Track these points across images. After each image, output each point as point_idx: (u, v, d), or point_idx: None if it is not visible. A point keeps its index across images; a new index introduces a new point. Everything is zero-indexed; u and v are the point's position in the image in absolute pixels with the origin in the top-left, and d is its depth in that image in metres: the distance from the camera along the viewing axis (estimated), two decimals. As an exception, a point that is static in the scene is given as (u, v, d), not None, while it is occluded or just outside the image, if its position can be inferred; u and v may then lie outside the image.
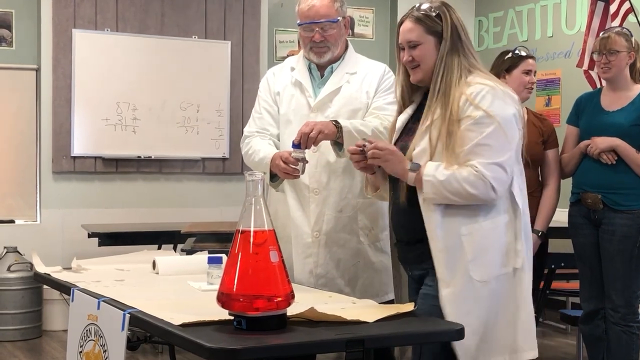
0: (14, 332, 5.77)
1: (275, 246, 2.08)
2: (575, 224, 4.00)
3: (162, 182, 6.79)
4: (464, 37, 2.56)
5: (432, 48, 2.54)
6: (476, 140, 2.42)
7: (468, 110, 2.44)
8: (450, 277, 2.44)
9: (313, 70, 3.15)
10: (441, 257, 2.45)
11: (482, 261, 2.45)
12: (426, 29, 2.54)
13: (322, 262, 3.03)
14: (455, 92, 2.48)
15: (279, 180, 3.05)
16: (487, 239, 2.47)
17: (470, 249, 2.45)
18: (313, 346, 2.02)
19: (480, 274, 2.44)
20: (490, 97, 2.45)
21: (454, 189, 2.41)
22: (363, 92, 3.10)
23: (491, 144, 2.42)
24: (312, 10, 3.05)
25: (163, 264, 3.01)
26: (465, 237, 2.45)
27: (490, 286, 2.45)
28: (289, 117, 3.11)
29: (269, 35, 7.19)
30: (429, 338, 2.25)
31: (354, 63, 3.15)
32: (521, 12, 7.25)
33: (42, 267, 3.06)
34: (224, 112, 6.86)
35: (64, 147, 6.41)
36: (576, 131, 4.04)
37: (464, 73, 2.52)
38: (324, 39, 3.05)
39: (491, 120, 2.42)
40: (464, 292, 2.43)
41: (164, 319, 2.11)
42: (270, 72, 3.27)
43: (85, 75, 6.42)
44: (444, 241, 2.45)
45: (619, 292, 3.85)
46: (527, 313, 2.52)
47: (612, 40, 3.88)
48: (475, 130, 2.42)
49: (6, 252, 5.89)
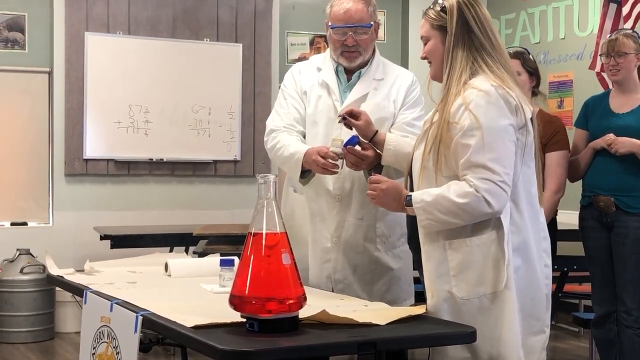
0: (27, 334, 5.79)
1: (287, 249, 2.08)
2: (587, 227, 3.98)
3: (173, 185, 6.81)
4: (479, 30, 2.44)
5: (438, 43, 2.49)
6: (469, 153, 2.31)
7: (459, 116, 2.35)
8: (432, 289, 2.40)
9: (340, 73, 3.09)
10: (427, 268, 2.41)
11: (464, 277, 2.35)
12: (431, 23, 2.50)
13: (341, 268, 3.02)
14: (452, 94, 2.40)
15: (310, 176, 2.99)
16: (471, 256, 2.36)
17: (454, 264, 2.37)
18: (325, 348, 2.02)
19: (461, 291, 2.36)
20: (483, 104, 2.34)
21: (445, 207, 2.32)
22: (390, 101, 3.05)
23: (482, 157, 2.30)
24: (347, 14, 2.99)
25: (175, 266, 3.02)
26: (450, 251, 2.37)
27: (472, 304, 2.36)
28: (315, 118, 3.06)
29: (280, 37, 7.19)
30: (440, 341, 2.25)
31: (382, 69, 3.10)
32: (533, 14, 7.24)
33: (55, 269, 3.08)
34: (236, 114, 6.87)
35: (77, 150, 6.44)
36: (585, 134, 4.01)
37: (466, 70, 2.42)
38: (356, 43, 3.01)
39: (479, 132, 2.31)
40: (445, 306, 2.37)
41: (176, 321, 2.11)
42: (295, 68, 3.19)
43: (98, 78, 6.45)
44: (430, 253, 2.41)
45: (632, 295, 3.83)
46: (513, 333, 2.36)
47: (621, 42, 3.87)
48: (465, 142, 2.32)
49: (19, 254, 5.91)
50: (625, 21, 5.70)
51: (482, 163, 2.31)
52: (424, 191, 2.39)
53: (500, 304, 2.35)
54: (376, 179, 2.49)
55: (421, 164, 2.42)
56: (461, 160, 2.33)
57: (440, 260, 2.39)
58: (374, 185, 2.48)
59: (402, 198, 2.43)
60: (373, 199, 2.49)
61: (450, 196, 2.32)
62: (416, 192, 2.40)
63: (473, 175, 2.31)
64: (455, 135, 2.35)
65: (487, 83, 2.38)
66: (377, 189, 2.47)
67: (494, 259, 2.36)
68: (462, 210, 2.31)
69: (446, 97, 2.42)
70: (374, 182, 2.48)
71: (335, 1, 3.05)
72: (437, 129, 2.39)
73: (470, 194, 2.30)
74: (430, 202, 2.34)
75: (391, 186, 2.46)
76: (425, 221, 2.37)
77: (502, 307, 2.35)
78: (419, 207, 2.36)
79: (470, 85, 2.39)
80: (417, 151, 2.47)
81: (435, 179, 2.39)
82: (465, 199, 2.30)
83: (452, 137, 2.36)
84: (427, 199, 2.35)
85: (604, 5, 5.79)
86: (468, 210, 2.31)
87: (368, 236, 3.03)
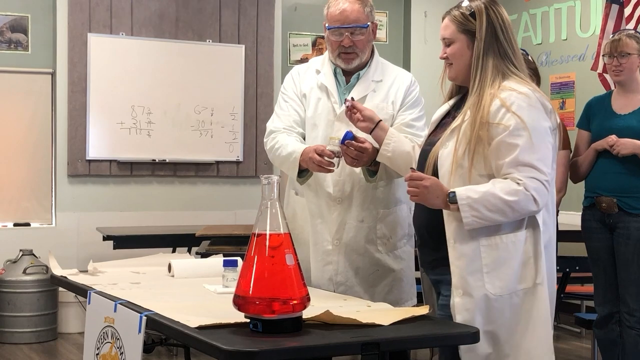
0: (30, 335, 5.80)
1: (290, 249, 2.09)
2: (589, 227, 3.98)
3: (176, 185, 6.81)
4: (503, 38, 2.47)
5: (464, 47, 2.49)
6: (517, 152, 2.35)
7: (501, 116, 2.38)
8: (464, 286, 2.39)
9: (338, 75, 3.09)
10: (457, 265, 2.40)
11: (498, 275, 2.38)
12: (458, 27, 2.49)
13: (342, 270, 3.01)
14: (487, 95, 2.41)
15: (307, 175, 3.00)
16: (507, 253, 2.39)
17: (488, 261, 2.39)
18: (329, 349, 2.03)
19: (495, 288, 2.38)
20: (525, 106, 2.39)
21: (492, 205, 2.33)
22: (389, 102, 3.04)
23: (530, 156, 2.35)
24: (343, 14, 2.98)
25: (179, 266, 3.02)
26: (484, 247, 2.39)
27: (505, 301, 2.39)
28: (315, 121, 3.06)
29: (283, 38, 7.20)
30: (444, 341, 2.26)
31: (380, 70, 3.10)
32: (535, 15, 7.24)
33: (59, 269, 3.08)
34: (238, 115, 6.88)
35: (79, 151, 6.45)
36: (587, 135, 4.02)
37: (498, 76, 2.45)
38: (353, 44, 2.99)
39: (526, 132, 2.36)
40: (477, 303, 2.38)
41: (180, 321, 2.12)
42: (294, 71, 3.19)
43: (100, 79, 6.46)
44: (462, 250, 2.39)
45: (634, 296, 3.83)
46: (544, 330, 2.42)
47: (623, 42, 3.87)
48: (512, 141, 2.35)
49: (22, 255, 5.92)
50: (628, 22, 5.70)
51: (530, 162, 2.36)
52: (467, 188, 2.37)
53: (532, 300, 2.41)
54: (418, 176, 2.41)
55: (453, 162, 2.42)
56: (506, 159, 2.36)
57: (473, 257, 2.39)
58: (416, 182, 2.40)
59: (444, 195, 2.38)
60: (415, 196, 2.41)
61: (498, 193, 2.34)
62: (459, 188, 2.37)
63: (521, 174, 2.35)
64: (498, 135, 2.38)
65: (523, 86, 2.44)
66: (420, 185, 2.39)
67: (528, 256, 2.42)
68: (510, 207, 2.34)
69: (480, 99, 2.42)
70: (416, 178, 2.40)
71: (331, 2, 3.04)
72: (471, 129, 2.40)
73: (519, 192, 2.34)
74: (477, 199, 2.34)
75: (433, 183, 2.40)
76: (470, 218, 2.35)
77: (534, 303, 2.41)
78: (465, 204, 2.34)
79: (506, 87, 2.43)
80: (445, 149, 2.45)
81: (469, 178, 2.40)
82: (514, 197, 2.34)
83: (492, 137, 2.38)
84: (473, 195, 2.34)
85: (606, 6, 5.80)
86: (516, 208, 2.35)
87: (369, 238, 3.03)
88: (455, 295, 2.40)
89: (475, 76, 2.46)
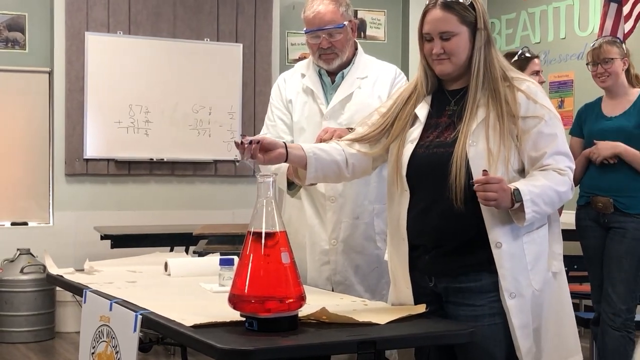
0: (27, 334, 5.79)
1: (286, 247, 2.08)
2: (584, 226, 3.99)
3: (174, 185, 6.81)
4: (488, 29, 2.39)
5: (466, 40, 2.34)
6: (557, 142, 2.31)
7: (530, 108, 2.31)
8: (517, 288, 2.30)
9: (323, 76, 3.10)
10: (508, 267, 2.28)
11: (537, 269, 2.34)
12: (460, 18, 2.33)
13: (341, 269, 3.00)
14: (504, 89, 2.32)
15: (297, 188, 2.99)
16: (541, 245, 2.36)
17: (530, 257, 2.32)
18: (325, 347, 2.02)
19: (537, 282, 2.34)
20: (543, 95, 2.35)
21: (549, 198, 2.27)
22: (375, 97, 3.04)
23: (565, 145, 2.35)
24: (317, 17, 2.99)
25: (175, 265, 3.02)
26: (527, 244, 2.32)
27: (543, 293, 2.35)
28: (302, 124, 3.07)
29: (281, 37, 7.20)
30: (440, 339, 2.25)
31: (365, 67, 3.10)
32: (534, 13, 7.23)
33: (55, 268, 3.08)
34: (236, 114, 6.87)
35: (77, 150, 6.44)
36: (580, 142, 4.04)
37: (502, 68, 2.38)
38: (331, 45, 3.00)
39: (558, 121, 2.34)
40: (529, 303, 2.32)
41: (175, 320, 2.11)
42: (281, 78, 3.21)
43: (98, 78, 6.45)
44: (511, 251, 2.29)
45: (622, 295, 3.80)
46: (570, 316, 2.46)
47: (605, 49, 3.92)
48: (551, 131, 2.31)
49: (19, 254, 5.92)
50: (626, 21, 5.69)
51: (566, 151, 2.35)
52: (525, 183, 2.26)
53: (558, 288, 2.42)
54: (497, 179, 2.21)
55: (490, 160, 2.27)
56: (548, 150, 2.30)
57: (520, 256, 2.31)
58: (494, 186, 2.19)
59: (510, 193, 2.22)
60: (493, 200, 2.20)
61: (554, 186, 2.28)
62: (519, 184, 2.24)
63: (561, 163, 2.31)
64: (533, 127, 2.31)
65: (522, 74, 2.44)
66: (499, 189, 2.20)
67: (550, 245, 2.40)
68: (560, 199, 2.31)
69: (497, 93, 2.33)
70: (493, 181, 2.20)
71: (307, 5, 3.05)
72: (501, 124, 2.29)
73: (567, 182, 2.31)
74: (538, 194, 2.24)
75: (504, 182, 2.24)
76: (531, 214, 2.23)
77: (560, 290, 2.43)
78: (528, 199, 2.22)
79: (518, 77, 2.39)
80: (473, 148, 2.30)
81: (507, 174, 2.29)
82: (564, 187, 2.31)
83: (525, 130, 2.31)
84: (534, 190, 2.24)
85: (604, 5, 5.78)
86: (563, 199, 2.32)
87: (367, 235, 3.02)
88: (507, 299, 2.29)
89: (478, 69, 2.34)
